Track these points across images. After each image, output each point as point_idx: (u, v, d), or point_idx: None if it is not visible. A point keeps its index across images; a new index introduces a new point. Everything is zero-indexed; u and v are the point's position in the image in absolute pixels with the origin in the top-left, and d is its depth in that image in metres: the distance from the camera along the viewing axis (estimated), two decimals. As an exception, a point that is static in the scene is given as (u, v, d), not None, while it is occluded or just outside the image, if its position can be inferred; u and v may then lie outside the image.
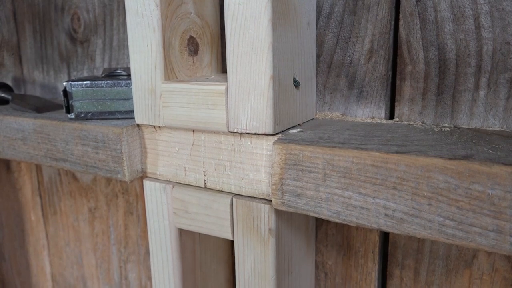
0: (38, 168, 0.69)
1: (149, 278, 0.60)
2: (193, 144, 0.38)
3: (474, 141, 0.29)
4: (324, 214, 0.30)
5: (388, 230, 0.28)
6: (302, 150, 0.30)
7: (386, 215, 0.28)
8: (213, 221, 0.38)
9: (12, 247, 0.78)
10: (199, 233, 0.44)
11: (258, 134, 0.34)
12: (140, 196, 0.58)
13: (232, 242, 0.50)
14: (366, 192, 0.28)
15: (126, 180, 0.41)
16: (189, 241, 0.43)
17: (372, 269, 0.42)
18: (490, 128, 0.34)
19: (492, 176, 0.24)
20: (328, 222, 0.43)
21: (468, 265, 0.37)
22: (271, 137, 0.33)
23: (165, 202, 0.40)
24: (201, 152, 0.38)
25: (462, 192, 0.25)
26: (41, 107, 0.51)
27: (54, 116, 0.47)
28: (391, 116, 0.38)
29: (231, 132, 0.35)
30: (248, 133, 0.34)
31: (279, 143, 0.32)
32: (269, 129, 0.33)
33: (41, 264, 0.74)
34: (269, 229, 0.35)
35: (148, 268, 0.60)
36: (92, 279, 0.67)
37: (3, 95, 0.56)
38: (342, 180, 0.29)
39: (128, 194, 0.59)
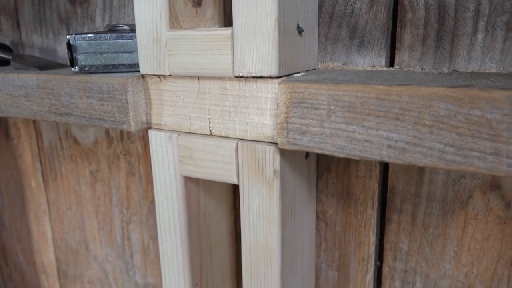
0: (38, 133, 0.69)
1: (152, 237, 0.62)
2: (198, 92, 0.39)
3: (472, 78, 0.31)
4: (329, 150, 0.32)
5: (390, 160, 0.29)
6: (308, 88, 0.31)
7: (389, 146, 0.29)
8: (219, 166, 0.39)
9: (12, 215, 0.79)
10: (203, 184, 0.45)
11: (263, 77, 0.34)
12: (142, 157, 0.59)
13: (235, 195, 0.51)
14: (370, 125, 0.29)
15: (132, 130, 0.41)
16: (194, 191, 0.44)
17: (371, 215, 0.43)
18: (487, 71, 0.35)
19: (491, 100, 0.25)
20: (328, 171, 0.45)
21: (464, 206, 0.39)
22: (276, 80, 0.34)
23: (171, 150, 0.41)
24: (206, 100, 0.39)
25: (462, 118, 0.26)
26: (43, 65, 0.51)
27: (58, 72, 0.47)
28: (391, 64, 0.39)
29: (237, 76, 0.36)
30: (254, 77, 0.35)
31: (284, 82, 0.32)
32: (274, 71, 0.34)
33: (42, 229, 0.75)
34: (274, 171, 0.36)
35: (150, 228, 0.61)
36: (94, 242, 0.68)
37: (3, 55, 0.56)
38: (346, 115, 0.30)
39: (129, 155, 0.60)
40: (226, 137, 0.38)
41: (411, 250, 0.42)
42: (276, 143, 0.35)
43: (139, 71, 0.42)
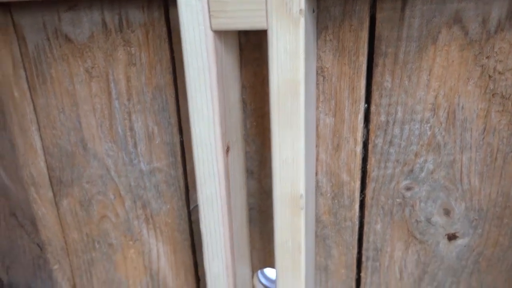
0: (20, 38, 0.69)
1: (156, 123, 0.67)
2: (226, -49, 0.45)
3: None
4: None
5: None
6: None
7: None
8: (249, 14, 0.46)
9: (-10, 132, 0.78)
10: (224, 43, 0.52)
11: None
12: (144, 45, 0.63)
13: (241, 65, 0.59)
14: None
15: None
16: (219, 49, 0.51)
17: (362, 62, 0.54)
18: None
19: None
20: (326, 29, 0.54)
21: (434, 41, 0.51)
22: None
23: (200, 8, 0.47)
24: (234, -43, 0.45)
25: None
26: None
27: None
28: None
29: None
30: None
31: None
32: None
33: (30, 140, 0.76)
34: (300, 10, 0.44)
35: (155, 113, 0.67)
36: (93, 140, 0.72)
37: None
38: None
39: (129, 46, 0.64)
40: (254, -11, 0.46)
41: (393, 86, 0.54)
42: (300, -12, 0.44)
43: None
